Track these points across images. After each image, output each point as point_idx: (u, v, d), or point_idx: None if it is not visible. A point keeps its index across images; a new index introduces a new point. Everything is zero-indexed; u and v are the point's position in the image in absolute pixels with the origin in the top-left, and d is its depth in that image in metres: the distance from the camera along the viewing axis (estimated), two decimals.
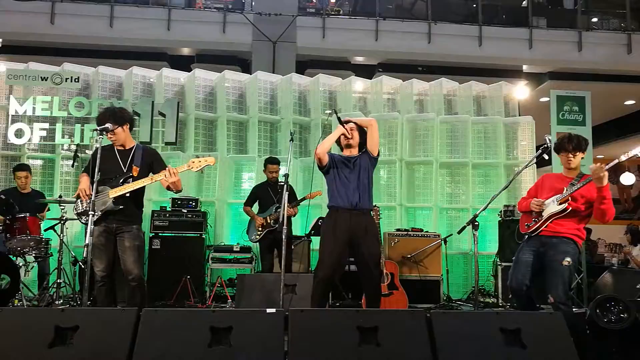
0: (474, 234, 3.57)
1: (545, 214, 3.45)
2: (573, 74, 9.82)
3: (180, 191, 3.90)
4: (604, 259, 8.82)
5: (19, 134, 6.42)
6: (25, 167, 5.80)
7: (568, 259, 3.30)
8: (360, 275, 3.78)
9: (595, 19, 10.58)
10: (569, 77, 9.82)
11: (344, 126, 3.81)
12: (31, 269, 5.18)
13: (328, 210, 3.85)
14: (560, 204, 3.43)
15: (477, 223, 3.55)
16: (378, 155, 3.88)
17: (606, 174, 3.21)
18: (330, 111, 3.88)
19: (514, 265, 3.57)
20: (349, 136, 3.83)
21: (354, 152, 3.91)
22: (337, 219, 3.73)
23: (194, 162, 3.77)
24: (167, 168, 3.71)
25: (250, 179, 6.89)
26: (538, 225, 3.46)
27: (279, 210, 5.41)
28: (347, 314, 2.82)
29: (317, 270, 3.76)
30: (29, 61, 6.93)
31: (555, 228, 3.42)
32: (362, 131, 3.88)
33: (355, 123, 3.89)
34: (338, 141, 3.94)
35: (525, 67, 9.87)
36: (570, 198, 3.39)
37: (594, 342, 2.75)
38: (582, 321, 2.85)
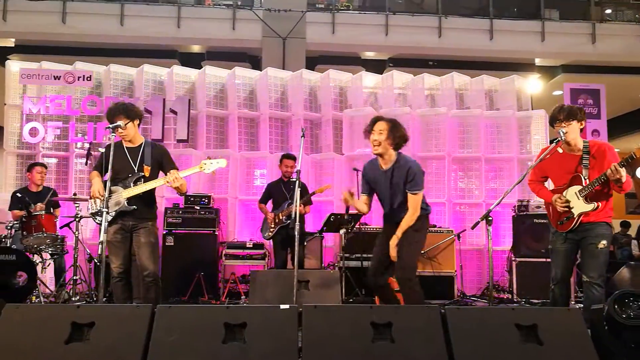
0: (487, 229, 3.53)
1: (576, 212, 3.43)
2: (587, 67, 9.69)
3: (186, 193, 3.93)
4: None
5: (33, 132, 6.50)
6: (42, 163, 5.95)
7: (604, 241, 3.38)
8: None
9: (609, 11, 10.42)
10: (583, 70, 9.69)
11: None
12: (48, 266, 5.25)
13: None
14: (587, 200, 3.40)
15: (490, 218, 3.51)
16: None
17: (623, 173, 3.20)
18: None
19: (553, 255, 3.60)
20: (376, 150, 3.65)
21: (388, 158, 3.68)
22: (387, 227, 3.81)
23: (205, 164, 3.79)
24: (171, 173, 3.71)
25: (262, 175, 6.90)
26: (573, 224, 3.45)
27: (290, 206, 5.41)
28: (361, 310, 2.81)
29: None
30: (42, 60, 7.00)
31: (588, 218, 3.43)
32: (393, 128, 3.63)
33: (383, 120, 3.67)
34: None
35: (537, 61, 9.77)
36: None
37: (611, 338, 2.72)
38: (599, 317, 2.82)
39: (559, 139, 3.46)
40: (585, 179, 3.42)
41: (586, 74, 9.61)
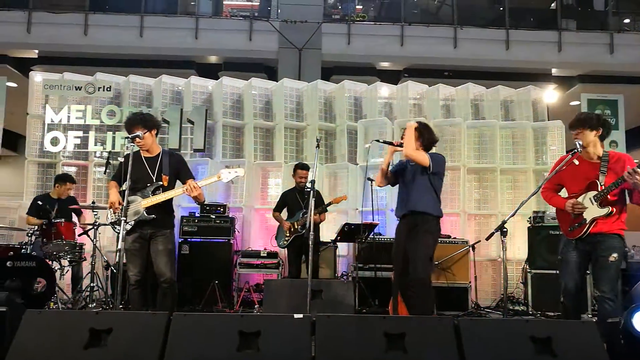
0: (502, 241, 3.52)
1: (589, 217, 3.39)
2: (604, 77, 9.58)
3: (204, 202, 3.99)
4: None
5: (54, 141, 6.66)
6: (71, 178, 6.02)
7: (615, 254, 3.31)
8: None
9: (627, 20, 10.32)
10: (601, 80, 9.58)
11: (393, 144, 3.94)
12: (66, 272, 5.35)
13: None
14: (601, 204, 3.37)
15: (505, 229, 3.51)
16: (431, 168, 3.88)
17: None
18: (368, 145, 4.14)
19: (563, 266, 3.55)
20: (402, 147, 3.92)
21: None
22: (399, 225, 4.02)
23: (223, 173, 3.85)
24: (188, 182, 3.79)
25: (277, 184, 6.96)
26: (584, 231, 3.41)
27: (305, 215, 5.44)
28: (374, 320, 2.81)
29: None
30: (64, 71, 7.18)
31: (600, 228, 3.37)
32: (422, 131, 3.96)
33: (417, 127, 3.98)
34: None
35: (554, 71, 9.69)
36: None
37: (628, 352, 2.69)
38: (616, 330, 2.78)
39: (576, 150, 3.45)
40: (601, 185, 3.39)
41: (604, 84, 9.50)
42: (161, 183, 3.85)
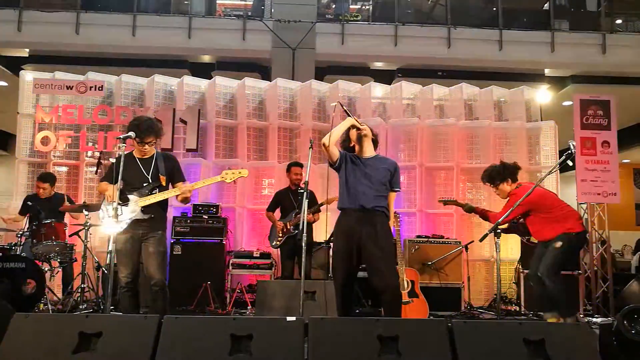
0: (496, 241, 3.53)
1: None
2: (597, 77, 9.62)
3: (189, 201, 4.00)
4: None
5: (45, 141, 6.58)
6: (48, 179, 5.88)
7: None
8: (371, 278, 3.64)
9: (619, 21, 10.36)
10: (593, 81, 9.62)
11: (352, 116, 3.63)
12: (56, 274, 5.30)
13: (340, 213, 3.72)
14: None
15: (498, 230, 3.51)
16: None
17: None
18: (334, 104, 3.85)
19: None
20: (361, 126, 3.66)
21: (369, 150, 3.76)
22: (346, 220, 3.65)
23: (227, 174, 3.85)
24: (185, 186, 3.80)
25: (270, 185, 6.93)
26: None
27: (298, 215, 5.42)
28: (368, 323, 2.80)
29: (333, 276, 3.77)
30: (55, 70, 7.11)
31: None
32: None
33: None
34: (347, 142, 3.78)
35: (547, 71, 9.72)
36: None
37: (620, 354, 2.69)
38: (608, 332, 2.79)
39: (570, 151, 3.48)
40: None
41: (596, 84, 9.53)
42: (159, 182, 3.83)
